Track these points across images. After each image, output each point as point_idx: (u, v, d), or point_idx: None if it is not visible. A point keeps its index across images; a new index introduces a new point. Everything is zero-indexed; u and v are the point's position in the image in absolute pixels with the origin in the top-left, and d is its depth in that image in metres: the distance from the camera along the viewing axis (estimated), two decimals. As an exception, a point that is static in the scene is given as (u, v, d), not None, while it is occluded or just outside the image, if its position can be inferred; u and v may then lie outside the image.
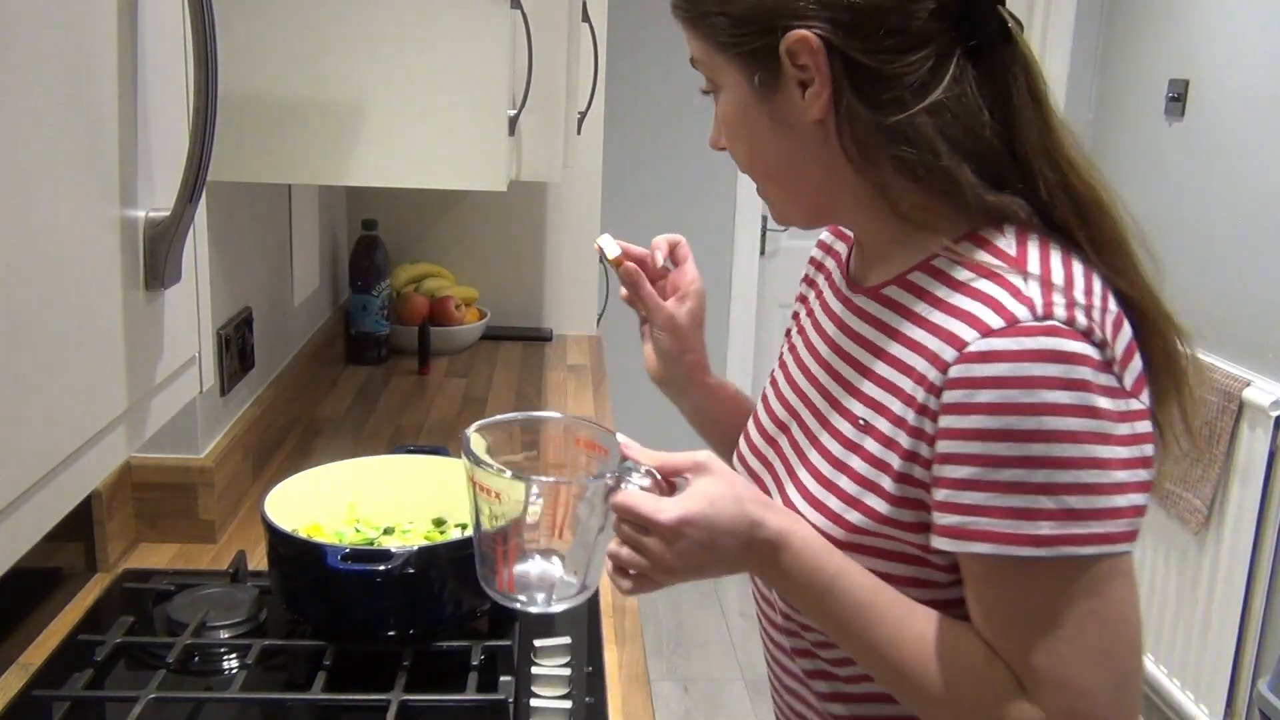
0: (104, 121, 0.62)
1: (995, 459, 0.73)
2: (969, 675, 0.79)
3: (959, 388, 0.75)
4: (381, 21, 1.34)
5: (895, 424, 0.81)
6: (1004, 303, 0.76)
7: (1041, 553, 0.73)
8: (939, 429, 0.77)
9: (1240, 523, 2.44)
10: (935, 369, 0.78)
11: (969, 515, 0.75)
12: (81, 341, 0.60)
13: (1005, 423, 0.73)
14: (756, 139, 0.86)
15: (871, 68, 0.79)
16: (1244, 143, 2.61)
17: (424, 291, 2.51)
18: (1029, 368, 0.72)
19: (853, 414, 0.86)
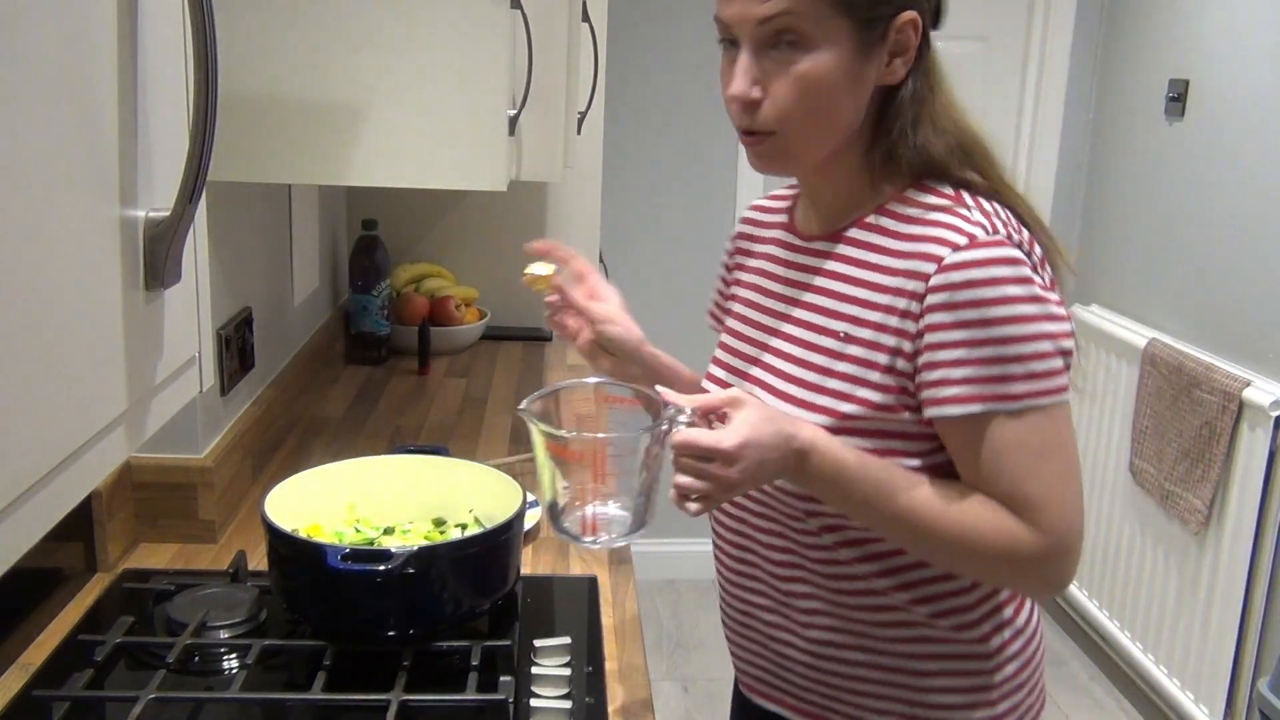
0: (104, 121, 0.62)
1: (976, 341, 0.96)
2: (982, 520, 0.99)
3: (941, 292, 0.97)
4: (381, 21, 1.34)
5: (878, 330, 1.02)
6: (962, 227, 0.99)
7: (1017, 405, 0.97)
8: (924, 326, 0.98)
9: (1240, 523, 2.44)
10: (916, 281, 0.99)
11: (961, 386, 0.97)
12: (81, 341, 0.60)
13: (981, 314, 0.96)
14: (833, 89, 1.00)
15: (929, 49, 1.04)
16: (1244, 143, 2.61)
17: (424, 291, 2.51)
18: (991, 270, 0.96)
19: (832, 331, 1.06)
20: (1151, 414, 2.78)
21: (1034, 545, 0.98)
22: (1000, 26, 3.36)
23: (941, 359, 0.97)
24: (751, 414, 0.96)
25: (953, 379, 0.97)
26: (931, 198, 1.03)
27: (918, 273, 0.99)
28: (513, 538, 1.21)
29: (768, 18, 0.97)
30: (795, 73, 0.98)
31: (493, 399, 2.15)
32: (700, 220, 3.37)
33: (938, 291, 0.97)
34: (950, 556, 1.03)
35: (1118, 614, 2.98)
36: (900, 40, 1.00)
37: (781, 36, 0.98)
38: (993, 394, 0.96)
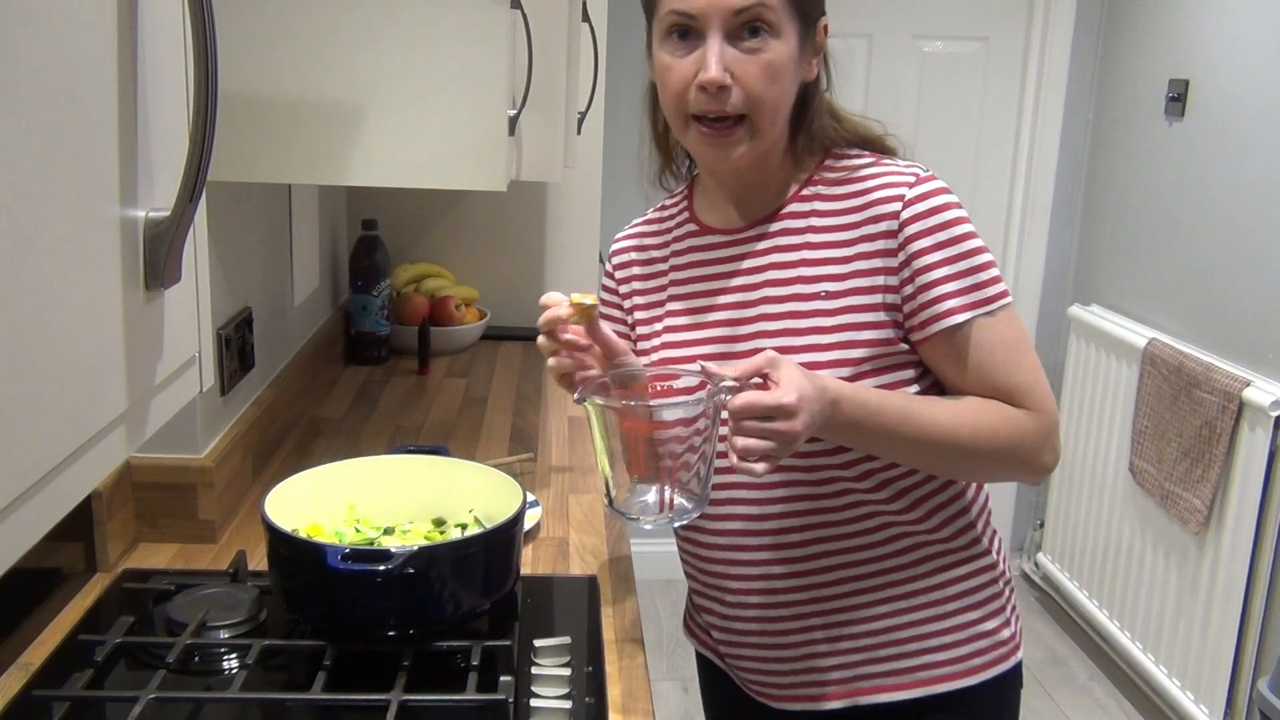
0: (104, 121, 0.62)
1: (952, 258, 1.10)
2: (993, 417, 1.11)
3: (911, 224, 1.11)
4: (381, 21, 1.34)
5: (858, 275, 1.12)
6: (903, 169, 1.14)
7: (994, 307, 1.11)
8: (906, 256, 1.11)
9: (1240, 523, 2.44)
10: (885, 222, 1.12)
11: (953, 299, 1.10)
12: (81, 341, 0.60)
13: (949, 233, 1.10)
14: (786, 82, 1.11)
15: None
16: (1244, 143, 2.61)
17: (424, 291, 2.51)
18: (943, 198, 1.12)
19: (812, 294, 1.14)
20: (1151, 414, 2.78)
21: (1036, 425, 1.12)
22: (1000, 26, 3.36)
23: (930, 279, 1.10)
24: (792, 370, 1.02)
25: (945, 294, 1.10)
26: (853, 161, 1.17)
27: (883, 214, 1.12)
28: (513, 538, 1.21)
29: (744, 8, 1.06)
30: (763, 59, 1.08)
31: (493, 399, 2.15)
32: (700, 220, 3.37)
33: (911, 223, 1.10)
34: (974, 461, 1.13)
35: (1118, 614, 2.98)
36: (818, 42, 1.14)
37: (750, 25, 1.07)
38: (977, 300, 1.10)
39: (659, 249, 1.29)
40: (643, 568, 3.64)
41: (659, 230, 1.30)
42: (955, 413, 1.11)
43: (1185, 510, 2.62)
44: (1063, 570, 3.31)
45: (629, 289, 1.31)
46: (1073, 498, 3.24)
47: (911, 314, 1.12)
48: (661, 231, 1.30)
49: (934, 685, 1.20)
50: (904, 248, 1.11)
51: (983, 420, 1.11)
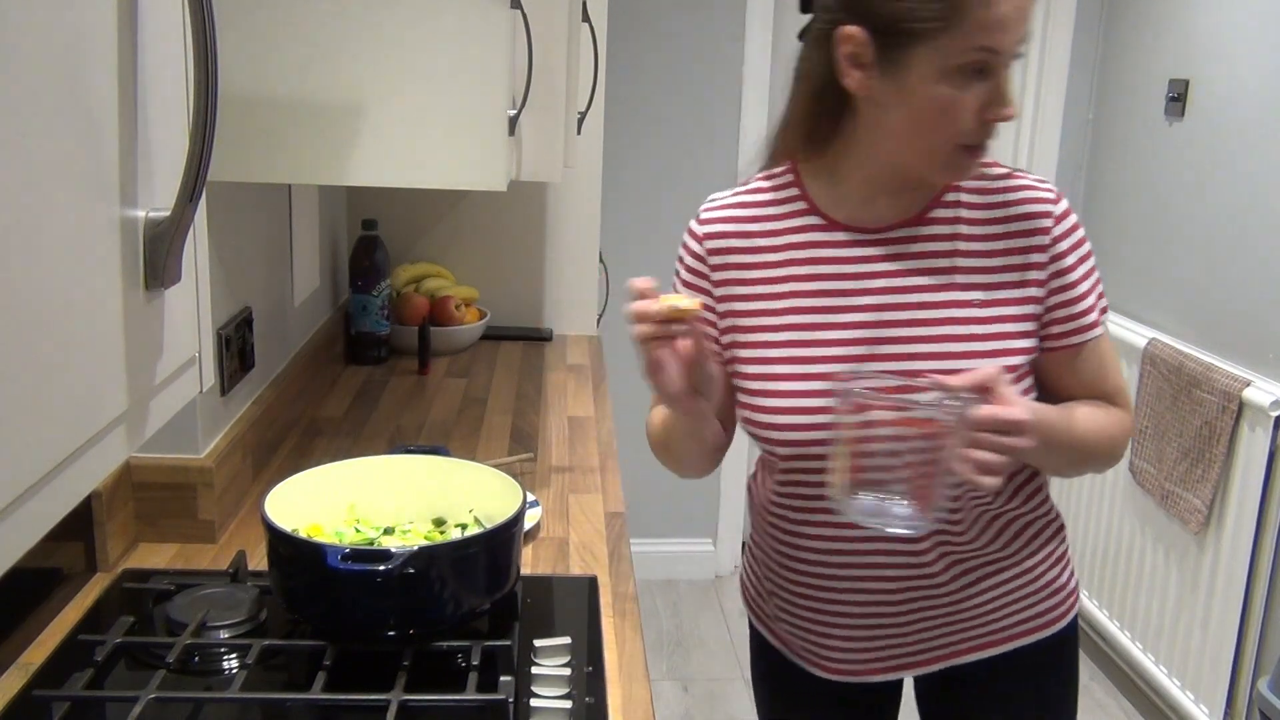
0: (104, 121, 0.62)
1: (1086, 274, 1.20)
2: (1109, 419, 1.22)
3: (1062, 240, 1.18)
4: (381, 21, 1.34)
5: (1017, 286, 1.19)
6: (1041, 185, 1.20)
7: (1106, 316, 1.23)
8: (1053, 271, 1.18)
9: (1240, 523, 2.44)
10: (1037, 236, 1.18)
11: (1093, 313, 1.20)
12: (81, 341, 0.60)
13: (1084, 249, 1.20)
14: None
15: None
16: (1244, 143, 2.61)
17: (424, 291, 2.51)
18: (1075, 216, 1.20)
19: (970, 301, 1.19)
20: (1151, 414, 2.78)
21: (1129, 422, 1.25)
22: (1000, 26, 3.36)
23: (1078, 293, 1.19)
24: (1013, 389, 1.10)
25: (1089, 307, 1.20)
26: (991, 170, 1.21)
27: (1035, 229, 1.18)
28: (513, 538, 1.21)
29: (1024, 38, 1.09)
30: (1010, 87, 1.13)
31: (493, 399, 2.15)
32: (700, 220, 3.37)
33: (1060, 240, 1.18)
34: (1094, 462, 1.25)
35: (1118, 614, 2.98)
36: None
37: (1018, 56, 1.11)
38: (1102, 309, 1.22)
39: (767, 235, 1.24)
40: (643, 568, 3.66)
41: (764, 215, 1.25)
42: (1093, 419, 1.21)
43: (1185, 510, 2.62)
44: (1063, 570, 3.31)
45: (724, 273, 1.26)
46: (1073, 498, 3.24)
47: (1055, 323, 1.19)
48: (769, 217, 1.25)
49: (1010, 643, 1.31)
50: (1054, 262, 1.18)
51: (1105, 424, 1.22)
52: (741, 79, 3.30)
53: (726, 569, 3.68)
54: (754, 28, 3.27)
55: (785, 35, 3.43)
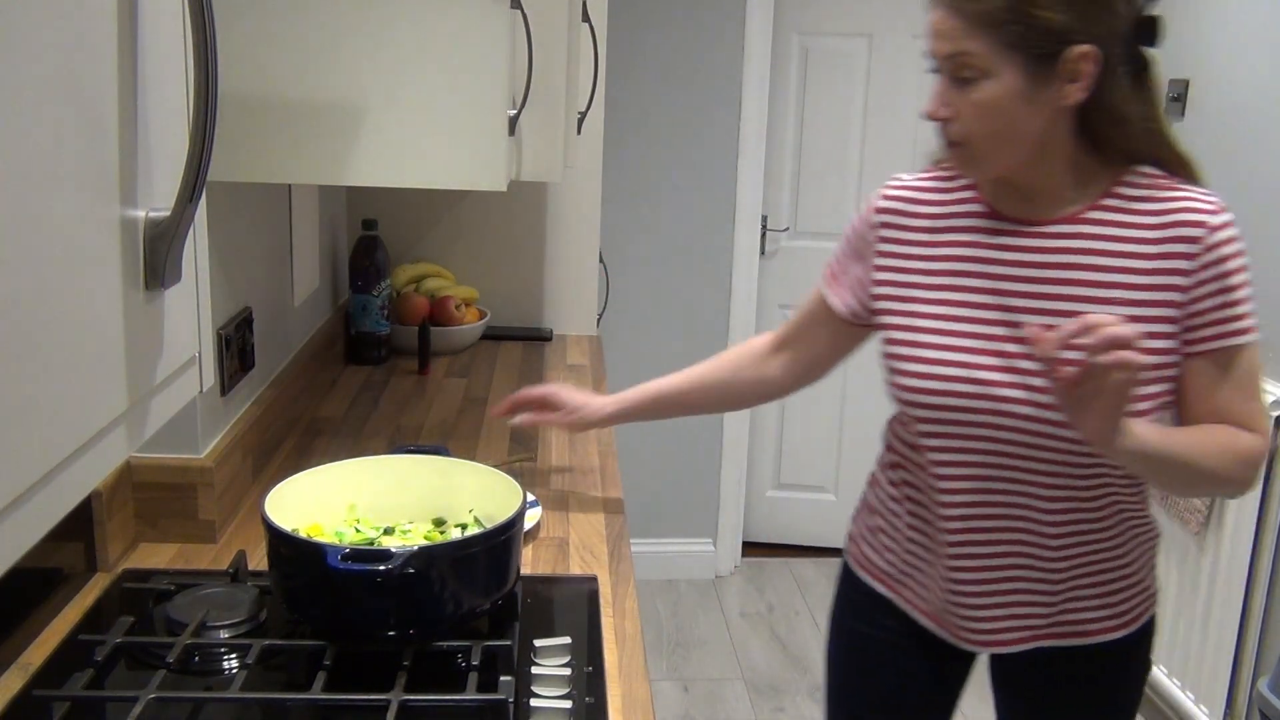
0: (104, 121, 0.62)
1: (1240, 285, 1.22)
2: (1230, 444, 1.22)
3: (1214, 250, 1.21)
4: (381, 21, 1.34)
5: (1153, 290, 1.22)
6: (1204, 199, 1.23)
7: (1256, 334, 1.24)
8: (1198, 281, 1.21)
9: (1240, 523, 2.44)
10: (1187, 245, 1.21)
11: (1239, 321, 1.22)
12: (81, 341, 0.60)
13: (1239, 263, 1.22)
14: (1010, 112, 1.19)
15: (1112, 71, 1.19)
16: (1244, 143, 2.61)
17: (424, 291, 2.51)
18: (1235, 229, 1.23)
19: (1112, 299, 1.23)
20: (1151, 414, 2.78)
21: (1260, 447, 1.24)
22: (1000, 26, 3.35)
23: (1233, 298, 1.22)
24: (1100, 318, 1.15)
25: (1229, 316, 1.22)
26: (1150, 179, 1.25)
27: (1187, 237, 1.21)
28: (513, 538, 1.21)
29: (950, 55, 1.18)
30: (972, 99, 1.19)
31: (493, 399, 2.15)
32: (700, 220, 3.37)
33: (1212, 250, 1.21)
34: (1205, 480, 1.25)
35: (1118, 614, 2.98)
36: (1073, 69, 1.16)
37: (961, 70, 1.18)
38: (1252, 325, 1.23)
39: (933, 218, 1.33)
40: (643, 568, 3.65)
41: (937, 199, 1.35)
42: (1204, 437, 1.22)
43: (1185, 510, 2.62)
44: (1063, 570, 3.31)
45: (888, 245, 1.36)
46: (1073, 498, 3.23)
47: (1201, 327, 1.22)
48: (942, 201, 1.34)
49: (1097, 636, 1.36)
50: (1207, 268, 1.21)
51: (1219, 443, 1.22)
52: (741, 79, 3.30)
53: (726, 569, 3.68)
54: (754, 28, 3.27)
55: (785, 35, 3.43)
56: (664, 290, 3.40)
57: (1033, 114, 1.19)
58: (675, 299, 3.41)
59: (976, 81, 1.18)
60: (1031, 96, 1.18)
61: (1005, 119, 1.19)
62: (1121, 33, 1.19)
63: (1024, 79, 1.17)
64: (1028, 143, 1.21)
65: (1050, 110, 1.19)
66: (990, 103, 1.18)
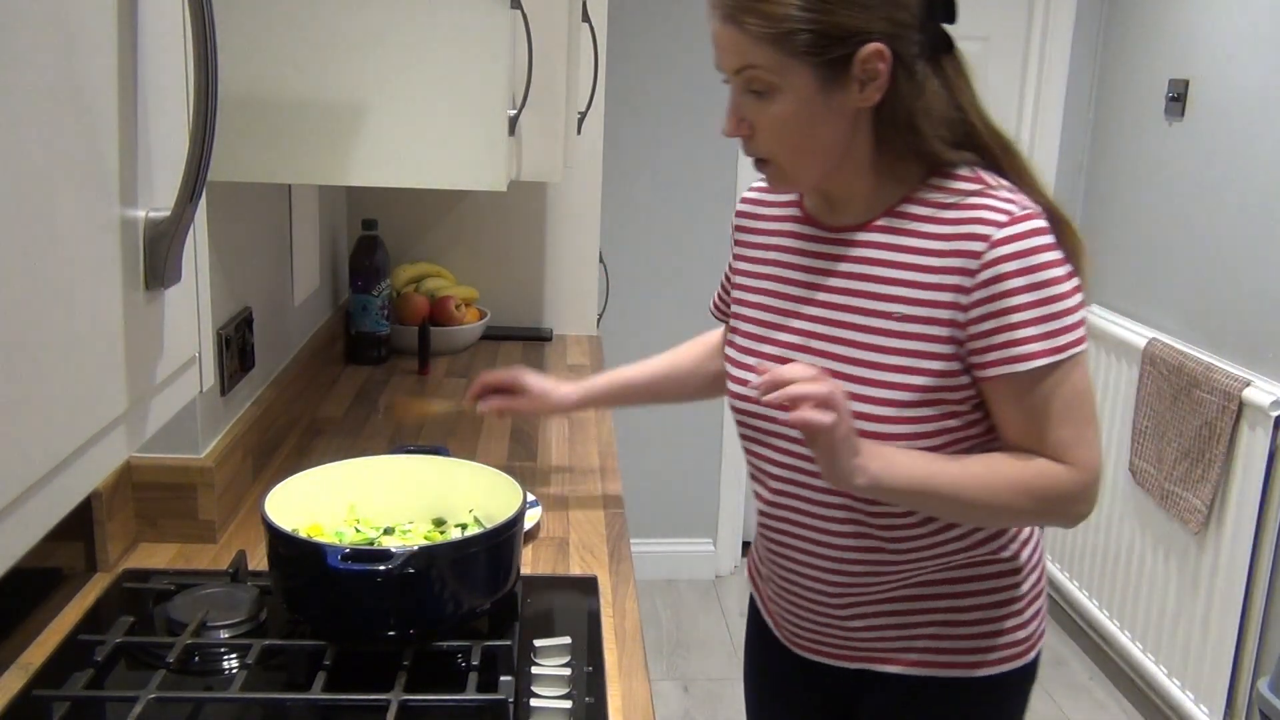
0: (104, 121, 0.62)
1: (1027, 305, 1.10)
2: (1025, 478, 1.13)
3: (993, 266, 1.10)
4: (381, 22, 1.34)
5: (932, 306, 1.13)
6: (998, 206, 1.12)
7: (1064, 356, 1.11)
8: (981, 297, 1.11)
9: (1240, 523, 2.44)
10: (967, 259, 1.11)
11: (1019, 346, 1.11)
12: (81, 341, 0.60)
13: (1028, 279, 1.10)
14: (808, 123, 1.12)
15: (909, 67, 1.11)
16: (1244, 143, 2.61)
17: (424, 291, 2.51)
18: (1031, 241, 1.10)
19: (884, 312, 1.16)
20: (1151, 414, 2.78)
21: (1072, 481, 1.14)
22: (1000, 26, 3.36)
23: (1006, 323, 1.11)
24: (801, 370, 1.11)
25: (1021, 338, 1.10)
26: (958, 183, 1.15)
27: (968, 251, 1.11)
28: (513, 538, 1.21)
29: (736, 69, 1.12)
30: (768, 113, 1.12)
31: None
32: (700, 220, 3.37)
33: (989, 268, 1.10)
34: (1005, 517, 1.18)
35: (1118, 614, 2.98)
36: (869, 70, 1.09)
37: (752, 84, 1.11)
38: (1049, 348, 1.11)
39: (769, 220, 1.31)
40: (643, 568, 3.65)
41: (777, 202, 1.32)
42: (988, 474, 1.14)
43: (1185, 510, 2.62)
44: (1063, 570, 3.31)
45: (737, 249, 1.36)
46: (1073, 498, 3.23)
47: (983, 350, 1.12)
48: (779, 204, 1.32)
49: (942, 670, 1.26)
50: (979, 289, 1.11)
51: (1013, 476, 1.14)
52: (741, 79, 3.30)
53: (726, 569, 3.67)
54: (754, 28, 3.27)
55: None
56: (664, 290, 3.39)
57: (832, 122, 1.12)
58: (675, 299, 3.41)
59: (769, 95, 1.11)
60: (827, 104, 1.11)
61: (804, 131, 1.13)
62: (914, 19, 1.11)
63: (817, 87, 1.10)
64: (834, 151, 1.15)
65: (850, 116, 1.13)
66: (786, 116, 1.12)
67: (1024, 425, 1.14)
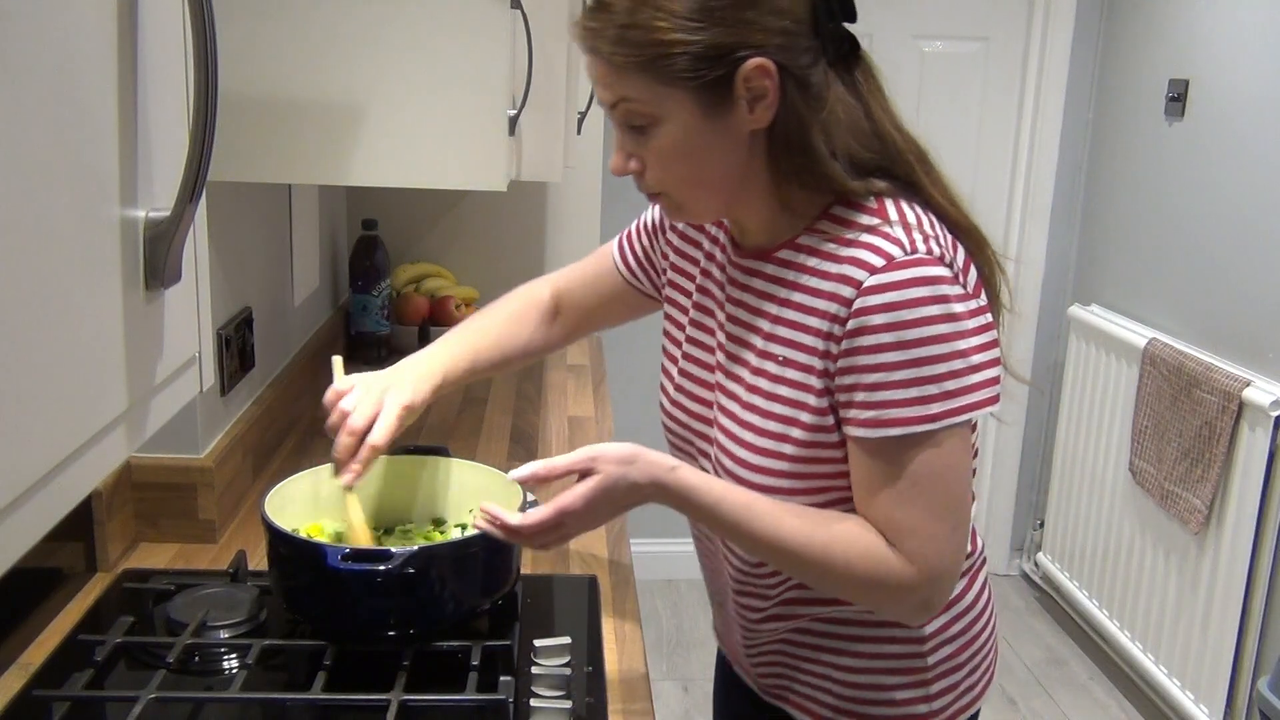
0: (104, 121, 0.62)
1: (893, 364, 0.97)
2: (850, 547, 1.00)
3: (859, 316, 0.97)
4: (382, 22, 1.34)
5: (809, 353, 1.02)
6: (881, 247, 0.98)
7: (932, 426, 0.97)
8: (843, 350, 0.99)
9: (1240, 523, 2.44)
10: (838, 304, 0.99)
11: (879, 409, 0.98)
12: (81, 341, 0.60)
13: (897, 336, 0.96)
14: (698, 153, 1.01)
15: (801, 79, 0.99)
16: (1244, 143, 2.61)
17: (424, 291, 2.51)
18: (907, 292, 0.96)
19: (771, 354, 1.06)
20: (1151, 414, 2.78)
21: (901, 573, 0.99)
22: (1000, 26, 3.36)
23: (867, 381, 0.98)
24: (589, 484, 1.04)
25: (872, 402, 0.98)
26: (859, 215, 1.02)
27: (840, 297, 0.99)
28: (513, 538, 1.21)
29: (612, 104, 1.01)
30: (652, 148, 1.01)
31: (493, 399, 2.14)
32: (700, 220, 3.37)
33: (856, 317, 0.98)
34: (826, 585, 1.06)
35: (1118, 614, 2.98)
36: (754, 87, 0.97)
37: (631, 118, 1.01)
38: (911, 416, 0.97)
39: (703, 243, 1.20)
40: (643, 568, 3.64)
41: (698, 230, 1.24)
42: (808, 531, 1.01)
43: (1185, 510, 2.62)
44: (1063, 570, 3.31)
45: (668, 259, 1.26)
46: (1072, 497, 3.24)
47: (845, 406, 1.01)
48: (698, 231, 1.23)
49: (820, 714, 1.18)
50: (844, 340, 0.99)
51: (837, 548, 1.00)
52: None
53: (726, 569, 3.67)
54: (754, 28, 3.27)
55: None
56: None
57: (723, 148, 1.01)
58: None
59: (650, 128, 1.00)
60: (715, 130, 0.99)
61: (693, 162, 1.01)
62: (803, 24, 0.98)
63: (700, 113, 0.98)
64: (729, 180, 1.03)
65: (743, 140, 1.01)
66: (671, 148, 1.00)
67: (863, 493, 1.02)
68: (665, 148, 1.01)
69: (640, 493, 1.04)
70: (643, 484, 1.04)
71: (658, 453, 1.06)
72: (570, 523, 1.04)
